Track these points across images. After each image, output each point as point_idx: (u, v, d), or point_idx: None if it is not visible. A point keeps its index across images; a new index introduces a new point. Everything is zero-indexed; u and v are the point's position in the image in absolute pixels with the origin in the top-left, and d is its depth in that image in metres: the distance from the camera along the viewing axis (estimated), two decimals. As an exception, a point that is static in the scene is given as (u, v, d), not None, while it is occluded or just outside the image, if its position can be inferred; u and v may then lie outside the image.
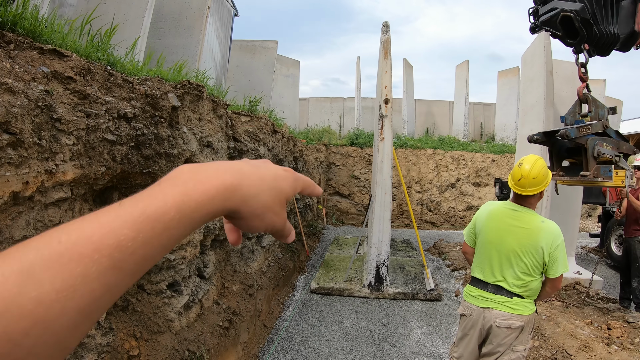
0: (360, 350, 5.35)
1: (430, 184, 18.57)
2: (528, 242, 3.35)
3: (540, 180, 3.39)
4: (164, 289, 3.85)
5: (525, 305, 3.40)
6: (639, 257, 6.94)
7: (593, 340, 5.33)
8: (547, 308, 6.61)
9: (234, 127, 5.64)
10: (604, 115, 5.55)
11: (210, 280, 4.91)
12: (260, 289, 6.10)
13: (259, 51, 15.61)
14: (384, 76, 7.78)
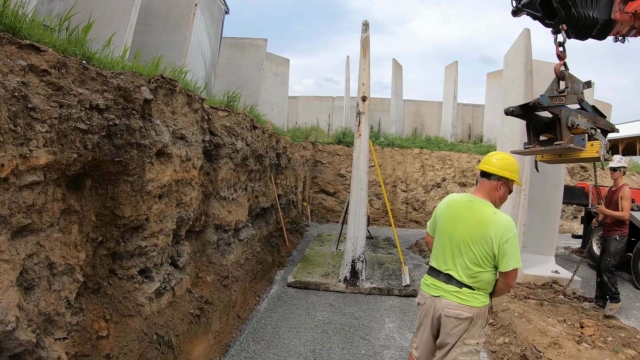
0: (330, 342, 5.53)
1: (415, 183, 18.89)
2: (478, 231, 3.37)
3: (500, 165, 3.46)
4: (135, 275, 4.07)
5: (475, 297, 3.40)
6: (612, 252, 7.18)
7: (563, 338, 5.46)
8: (520, 305, 6.80)
9: (210, 122, 5.85)
10: (579, 89, 5.72)
11: (184, 269, 5.13)
12: (236, 280, 6.32)
13: (248, 49, 15.78)
14: (362, 74, 8.03)
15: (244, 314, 6.34)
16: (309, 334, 5.77)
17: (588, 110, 5.79)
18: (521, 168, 8.02)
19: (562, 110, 5.39)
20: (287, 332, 5.79)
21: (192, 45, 12.88)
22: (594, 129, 5.56)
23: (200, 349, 4.89)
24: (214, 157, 5.97)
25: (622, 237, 7.25)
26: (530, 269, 8.66)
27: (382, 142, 20.14)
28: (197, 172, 5.09)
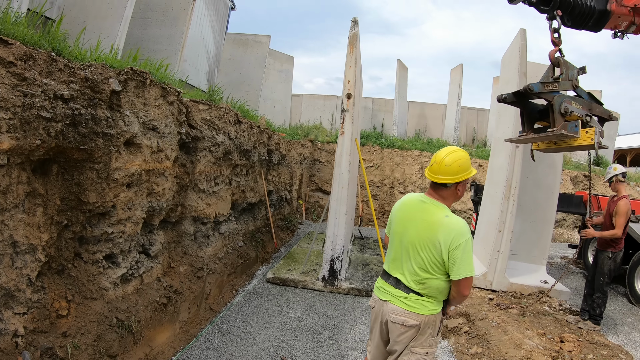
0: (296, 340, 5.67)
1: (413, 185, 19.05)
2: (426, 235, 3.24)
3: (454, 171, 3.27)
4: (100, 259, 4.32)
5: (423, 304, 3.27)
6: (605, 273, 6.98)
7: (538, 352, 5.30)
8: (499, 315, 6.70)
9: (189, 114, 6.07)
10: (574, 75, 5.71)
11: (156, 258, 5.37)
12: (212, 273, 6.56)
13: (251, 45, 16.06)
14: (348, 71, 8.05)
15: (218, 307, 6.53)
16: (276, 330, 5.92)
17: (583, 97, 5.79)
18: (510, 173, 8.18)
19: (555, 96, 5.40)
20: (255, 327, 5.96)
21: (195, 40, 13.15)
22: (589, 116, 5.55)
23: (164, 337, 5.11)
24: (192, 149, 6.18)
25: (615, 254, 6.98)
26: (517, 278, 8.54)
27: (382, 142, 20.33)
28: (170, 164, 5.31)
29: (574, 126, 5.32)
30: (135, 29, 9.51)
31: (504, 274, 8.23)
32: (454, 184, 3.31)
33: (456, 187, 3.34)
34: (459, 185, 3.34)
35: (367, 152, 19.73)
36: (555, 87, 5.49)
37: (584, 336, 6.31)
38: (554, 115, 5.36)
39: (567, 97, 5.50)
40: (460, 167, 3.28)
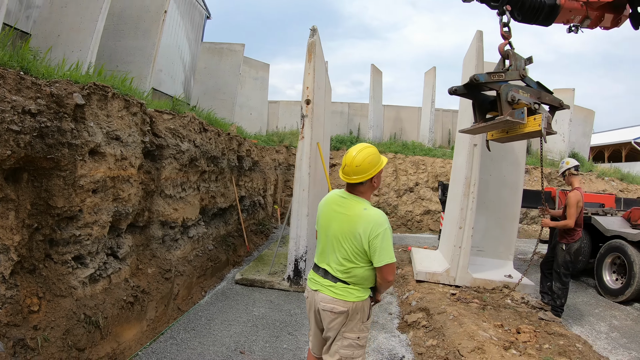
0: (256, 335, 6.01)
1: (388, 187, 19.43)
2: (348, 228, 3.45)
3: (365, 168, 3.46)
4: (69, 260, 4.71)
5: (350, 291, 3.50)
6: (560, 264, 7.24)
7: (490, 343, 5.48)
8: (458, 309, 6.89)
9: (154, 124, 6.48)
10: (521, 65, 5.96)
11: (124, 260, 5.74)
12: (181, 275, 6.93)
13: (226, 54, 16.38)
14: (307, 78, 8.33)
15: (186, 307, 6.88)
16: (239, 327, 6.25)
17: (532, 86, 6.01)
18: (469, 171, 8.44)
19: (502, 86, 5.62)
20: (220, 324, 6.30)
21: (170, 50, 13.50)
22: (537, 104, 5.74)
23: (131, 333, 5.45)
24: (157, 157, 6.57)
25: (569, 245, 7.27)
26: (481, 273, 8.78)
27: (355, 147, 20.67)
28: (135, 171, 5.70)
29: (520, 113, 5.57)
30: (109, 41, 9.86)
31: (467, 270, 8.48)
32: (369, 179, 3.53)
33: (372, 180, 3.56)
34: (374, 178, 3.56)
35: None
36: (502, 77, 5.74)
37: (542, 327, 6.53)
38: (501, 104, 5.61)
39: (515, 86, 5.74)
40: (370, 164, 3.50)
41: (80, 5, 8.16)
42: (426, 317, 6.84)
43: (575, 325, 7.44)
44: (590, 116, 28.05)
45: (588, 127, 28.25)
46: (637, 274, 8.79)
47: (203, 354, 5.34)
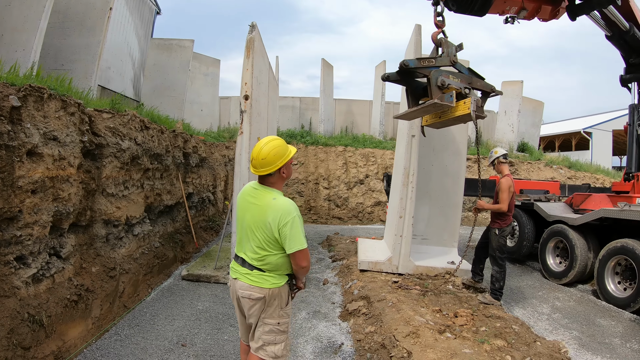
0: (198, 328, 6.16)
1: (338, 180, 19.69)
2: (259, 218, 3.60)
3: (271, 161, 3.60)
4: (11, 260, 4.77)
5: (265, 278, 3.66)
6: (495, 248, 7.51)
7: (425, 328, 5.63)
8: (399, 295, 7.11)
9: (93, 123, 6.54)
10: (452, 52, 6.22)
11: (67, 259, 5.79)
12: (126, 272, 7.02)
13: (175, 50, 16.24)
14: (245, 74, 8.37)
15: (132, 304, 6.96)
16: (182, 321, 6.39)
17: (463, 72, 6.26)
18: (408, 161, 8.60)
19: (432, 71, 5.82)
20: (163, 319, 6.42)
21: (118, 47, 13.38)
22: (468, 89, 5.99)
23: (76, 331, 5.52)
24: (98, 156, 6.63)
25: (502, 229, 7.51)
26: (423, 261, 8.99)
27: (307, 140, 21.05)
28: (74, 170, 5.78)
29: (449, 96, 5.78)
30: (54, 39, 9.79)
31: (409, 257, 8.69)
32: (277, 170, 3.68)
33: (280, 171, 3.72)
34: (282, 169, 3.71)
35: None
36: (432, 62, 5.97)
37: (480, 310, 6.76)
38: (431, 88, 5.81)
39: (445, 71, 5.96)
40: (276, 156, 3.64)
41: (24, 4, 8.13)
42: (367, 305, 7.00)
43: (517, 308, 7.73)
44: (539, 107, 28.85)
45: (537, 118, 29.07)
46: (578, 256, 9.15)
47: (146, 348, 5.46)
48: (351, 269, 9.28)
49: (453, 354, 4.94)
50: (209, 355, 5.37)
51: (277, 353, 3.79)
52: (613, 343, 6.39)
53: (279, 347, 3.80)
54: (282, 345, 3.82)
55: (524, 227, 11.34)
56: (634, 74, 11.00)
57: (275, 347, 3.78)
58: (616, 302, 8.06)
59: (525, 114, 27.31)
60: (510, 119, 26.21)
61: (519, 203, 11.65)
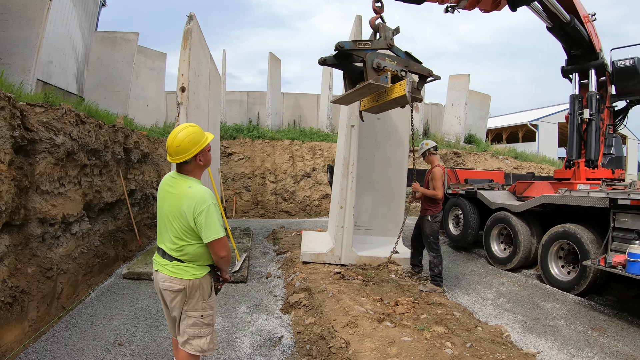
0: (136, 327, 6.06)
1: (284, 174, 19.80)
2: (175, 207, 3.55)
3: (185, 148, 3.54)
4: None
5: (185, 269, 3.61)
6: (428, 234, 7.80)
7: (364, 317, 5.71)
8: (340, 286, 7.22)
9: (25, 118, 6.35)
10: (389, 35, 6.28)
11: (1, 261, 5.60)
12: (64, 273, 6.84)
13: (119, 43, 15.97)
14: (182, 65, 8.33)
15: (71, 305, 6.79)
16: (121, 320, 6.29)
17: (400, 55, 6.32)
18: (348, 151, 8.65)
19: (368, 53, 5.87)
20: (102, 319, 6.31)
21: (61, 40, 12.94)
22: (404, 71, 6.04)
23: (12, 335, 5.37)
24: (30, 152, 6.44)
25: (435, 216, 7.81)
26: (366, 251, 9.11)
27: (253, 134, 21.09)
28: (5, 167, 5.61)
29: (384, 78, 5.81)
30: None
31: (351, 248, 8.82)
32: (193, 158, 3.62)
33: (196, 159, 3.66)
34: (198, 156, 3.65)
35: (238, 145, 20.40)
36: (368, 45, 6.01)
37: (422, 298, 6.94)
38: (367, 70, 5.86)
39: (381, 54, 6.01)
40: (191, 143, 3.57)
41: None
42: (308, 297, 7.06)
43: (462, 295, 7.94)
44: (486, 100, 29.62)
45: (484, 111, 29.86)
46: (522, 242, 9.50)
47: (82, 349, 5.37)
48: (294, 261, 9.32)
49: (391, 342, 5.00)
50: (146, 353, 5.32)
51: (203, 347, 3.77)
52: (557, 325, 6.61)
53: (205, 340, 3.78)
54: (207, 338, 3.80)
55: (468, 215, 11.67)
56: (574, 65, 11.52)
57: (200, 341, 3.76)
58: (560, 285, 8.39)
59: (472, 106, 27.98)
60: (457, 111, 26.79)
61: (463, 192, 12.09)
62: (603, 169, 11.14)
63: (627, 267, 6.60)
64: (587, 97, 11.20)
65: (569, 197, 8.56)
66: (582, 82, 11.72)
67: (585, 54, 11.22)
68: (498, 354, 5.11)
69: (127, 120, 12.58)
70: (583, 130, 11.29)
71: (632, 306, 7.69)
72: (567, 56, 11.70)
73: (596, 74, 11.41)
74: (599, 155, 11.14)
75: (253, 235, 13.20)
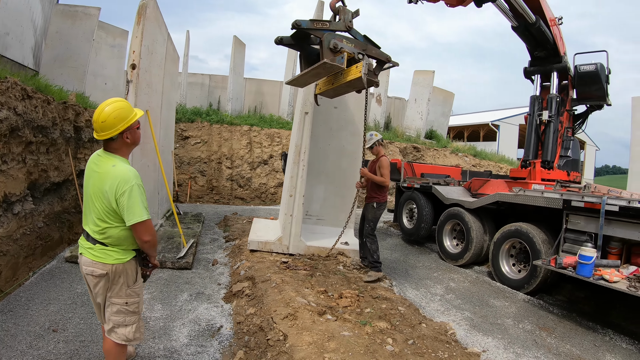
0: (73, 312, 5.93)
1: (241, 160, 19.69)
2: (98, 186, 3.41)
3: (111, 124, 3.42)
4: None
5: (108, 253, 3.49)
6: (371, 219, 8.02)
7: (304, 309, 5.60)
8: (285, 276, 7.11)
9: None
10: (348, 18, 6.20)
11: None
12: (4, 255, 6.65)
13: (80, 17, 15.49)
14: (134, 41, 8.15)
15: (10, 288, 6.60)
16: (58, 305, 6.14)
17: (358, 38, 6.27)
18: (300, 139, 8.58)
19: (326, 34, 5.80)
20: (39, 304, 6.16)
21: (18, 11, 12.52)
22: (361, 54, 5.99)
23: None
24: (-30, 126, 6.17)
25: (380, 204, 8.03)
26: (315, 241, 9.04)
27: (211, 119, 20.91)
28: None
29: (340, 58, 5.77)
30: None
31: (300, 238, 8.80)
32: (119, 135, 3.50)
33: (123, 136, 3.53)
34: (125, 133, 3.53)
35: (196, 129, 20.18)
36: (326, 25, 5.92)
37: (368, 291, 6.90)
38: (323, 50, 5.79)
39: (339, 35, 5.94)
40: (117, 119, 3.45)
41: None
42: (251, 286, 6.96)
43: (410, 289, 7.96)
44: (449, 98, 30.07)
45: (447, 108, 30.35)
46: (474, 239, 9.64)
47: (16, 335, 5.24)
48: (242, 249, 9.22)
49: (330, 337, 4.90)
50: (80, 340, 5.21)
51: (129, 336, 3.71)
52: (505, 324, 6.70)
53: (130, 329, 3.72)
54: (133, 327, 3.74)
55: (423, 210, 11.74)
56: (537, 67, 11.73)
57: (126, 330, 3.70)
58: (510, 283, 8.53)
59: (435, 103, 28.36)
60: (420, 107, 27.10)
61: (418, 186, 12.15)
62: (559, 170, 11.38)
63: (578, 269, 6.72)
64: (548, 99, 11.36)
65: (523, 196, 8.68)
66: (544, 84, 11.93)
67: (548, 56, 11.38)
68: (440, 352, 5.04)
69: (80, 97, 12.22)
70: (541, 131, 11.48)
71: (581, 307, 7.82)
72: (531, 57, 11.86)
73: (558, 77, 11.61)
74: (556, 156, 11.37)
75: (204, 221, 13.08)
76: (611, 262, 6.89)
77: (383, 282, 7.74)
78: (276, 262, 8.07)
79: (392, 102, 30.11)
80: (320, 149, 10.22)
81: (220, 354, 5.17)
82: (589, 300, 7.96)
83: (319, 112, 9.21)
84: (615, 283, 6.36)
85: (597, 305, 7.77)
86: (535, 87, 11.98)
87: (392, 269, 9.46)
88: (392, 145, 23.29)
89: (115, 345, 3.72)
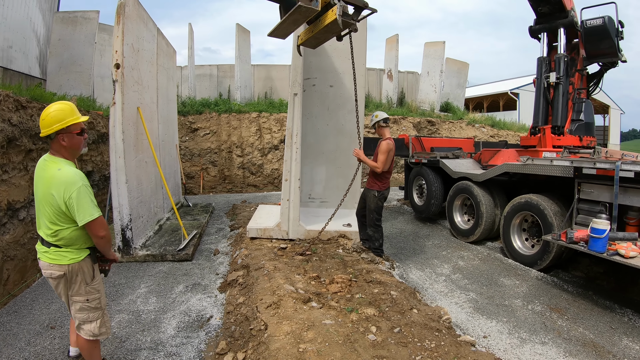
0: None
1: (251, 147, 19.70)
2: (46, 191, 3.46)
3: (47, 122, 3.49)
4: None
5: (62, 254, 3.55)
6: (373, 209, 7.63)
7: (288, 297, 5.44)
8: (279, 262, 6.98)
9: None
10: None
11: (-56, 249, 5.79)
12: (11, 259, 6.95)
13: (80, 22, 15.72)
14: (116, 41, 8.10)
15: (18, 291, 6.90)
16: (59, 303, 6.30)
17: None
18: (291, 121, 8.37)
19: None
20: (42, 303, 6.40)
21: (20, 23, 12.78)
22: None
23: None
24: (-32, 139, 6.34)
25: (381, 192, 7.58)
26: (316, 225, 8.68)
27: (219, 109, 20.90)
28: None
29: (315, 2, 5.66)
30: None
31: (299, 222, 8.56)
32: (56, 135, 3.54)
33: (59, 137, 3.55)
34: (60, 135, 3.55)
35: (204, 120, 20.17)
36: None
37: (362, 275, 6.49)
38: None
39: None
40: (54, 118, 3.48)
41: None
42: (245, 275, 6.89)
43: (415, 270, 7.79)
44: (464, 68, 29.37)
45: (462, 79, 29.68)
46: (484, 213, 9.29)
47: (17, 334, 5.48)
48: (243, 237, 9.16)
49: (310, 326, 4.70)
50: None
51: (94, 331, 3.84)
52: (513, 305, 6.40)
53: (95, 325, 3.84)
54: (97, 322, 3.85)
55: (432, 185, 11.48)
56: (543, 24, 11.12)
57: (91, 325, 3.82)
58: (523, 260, 8.16)
59: (450, 74, 27.85)
60: (433, 79, 26.66)
61: (426, 161, 11.85)
62: (570, 135, 10.85)
63: (590, 243, 6.23)
64: (555, 59, 10.91)
65: (532, 165, 8.31)
66: (552, 44, 11.40)
67: (554, 11, 10.83)
68: (427, 341, 4.56)
69: (83, 101, 12.46)
70: (550, 95, 11.04)
71: (599, 284, 7.36)
72: (536, 15, 11.31)
73: (566, 35, 11.06)
74: (567, 121, 10.89)
75: (213, 211, 13.14)
76: (628, 235, 6.33)
77: (382, 264, 7.42)
78: (274, 249, 7.95)
79: (404, 76, 29.57)
80: (319, 130, 10.07)
81: (205, 345, 5.23)
82: (608, 276, 7.42)
83: (314, 92, 8.98)
84: (632, 259, 5.77)
85: (617, 281, 7.25)
86: (542, 47, 11.45)
87: (400, 248, 9.31)
88: (405, 121, 22.97)
89: (86, 341, 3.88)
